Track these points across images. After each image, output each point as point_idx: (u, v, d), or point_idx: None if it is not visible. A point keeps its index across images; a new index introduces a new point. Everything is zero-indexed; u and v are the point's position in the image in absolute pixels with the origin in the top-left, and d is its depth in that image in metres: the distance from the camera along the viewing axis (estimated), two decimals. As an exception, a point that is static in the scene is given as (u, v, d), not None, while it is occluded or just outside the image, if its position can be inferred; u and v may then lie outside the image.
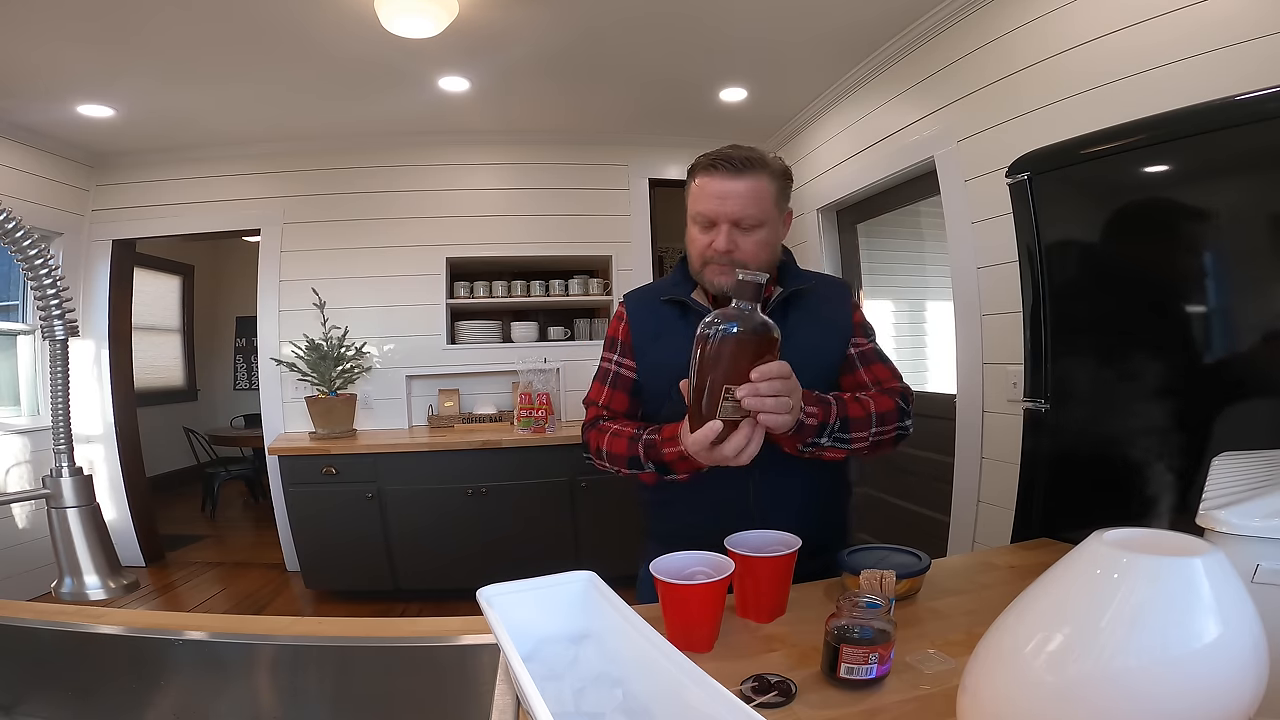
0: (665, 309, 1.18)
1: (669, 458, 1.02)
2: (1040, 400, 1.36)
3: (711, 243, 1.08)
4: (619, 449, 1.10)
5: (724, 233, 1.06)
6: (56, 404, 0.73)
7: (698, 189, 1.09)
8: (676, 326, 1.15)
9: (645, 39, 2.60)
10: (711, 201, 1.06)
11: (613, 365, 1.22)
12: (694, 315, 1.13)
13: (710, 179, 1.07)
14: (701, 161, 1.10)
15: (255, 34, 2.41)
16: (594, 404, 1.24)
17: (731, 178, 1.06)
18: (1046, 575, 0.56)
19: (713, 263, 1.09)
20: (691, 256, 1.14)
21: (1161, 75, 1.65)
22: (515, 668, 0.53)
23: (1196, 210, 1.14)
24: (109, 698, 0.95)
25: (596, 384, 1.25)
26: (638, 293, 1.27)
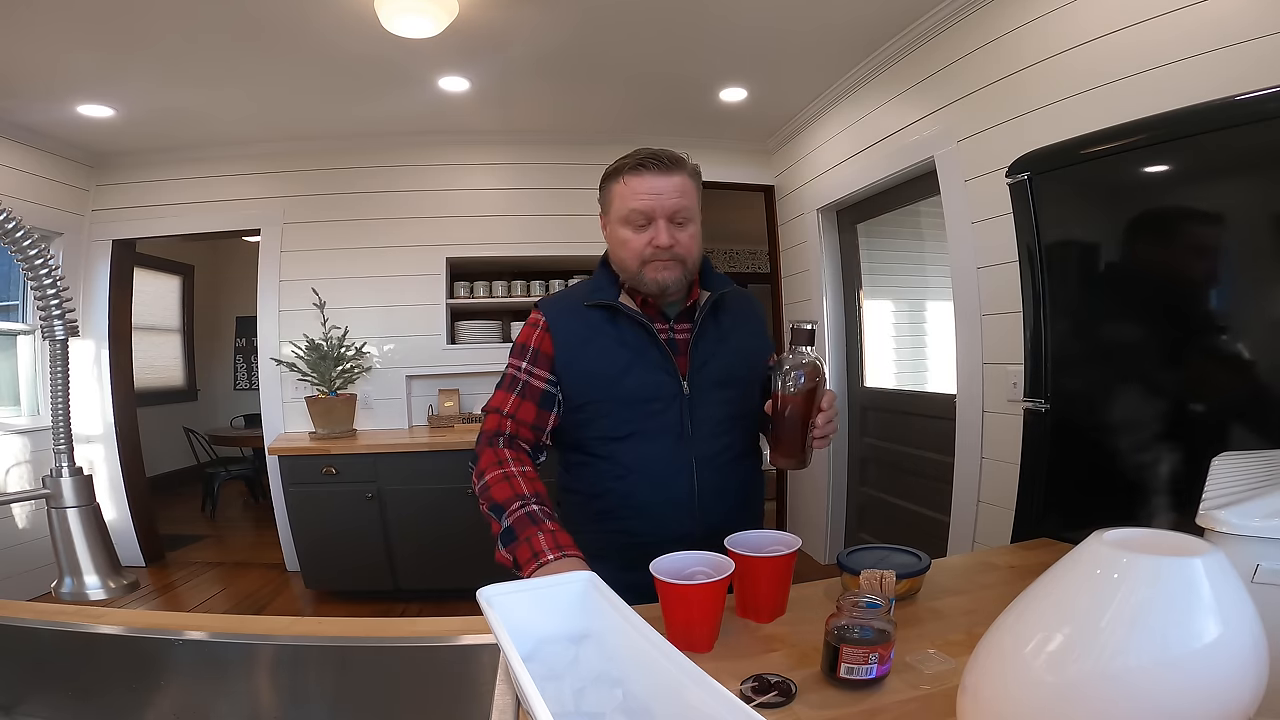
0: (591, 314, 1.15)
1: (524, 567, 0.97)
2: (1040, 400, 1.36)
3: (651, 240, 1.08)
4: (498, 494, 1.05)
5: (664, 227, 1.07)
6: (56, 404, 0.73)
7: (626, 189, 1.09)
8: (605, 330, 1.13)
9: (645, 39, 2.60)
10: (646, 198, 1.07)
11: (522, 374, 1.15)
12: (623, 319, 1.13)
13: (640, 178, 1.08)
14: (626, 163, 1.10)
15: (255, 34, 2.41)
16: (497, 411, 1.15)
17: (662, 175, 1.07)
18: (1046, 575, 0.56)
19: (654, 259, 1.09)
20: (625, 258, 1.11)
21: (1161, 75, 1.65)
22: (515, 668, 0.53)
23: (1196, 210, 1.14)
24: (109, 698, 0.95)
25: (501, 392, 1.16)
26: (555, 301, 1.21)
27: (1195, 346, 1.14)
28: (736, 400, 1.16)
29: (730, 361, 1.16)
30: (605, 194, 1.15)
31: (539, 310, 1.19)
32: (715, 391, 1.14)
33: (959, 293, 2.42)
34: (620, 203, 1.10)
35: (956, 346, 2.45)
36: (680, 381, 1.12)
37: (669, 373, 1.12)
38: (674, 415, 1.11)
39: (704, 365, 1.14)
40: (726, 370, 1.16)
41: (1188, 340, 1.15)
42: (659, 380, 1.11)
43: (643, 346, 1.12)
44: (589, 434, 1.15)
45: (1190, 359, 1.14)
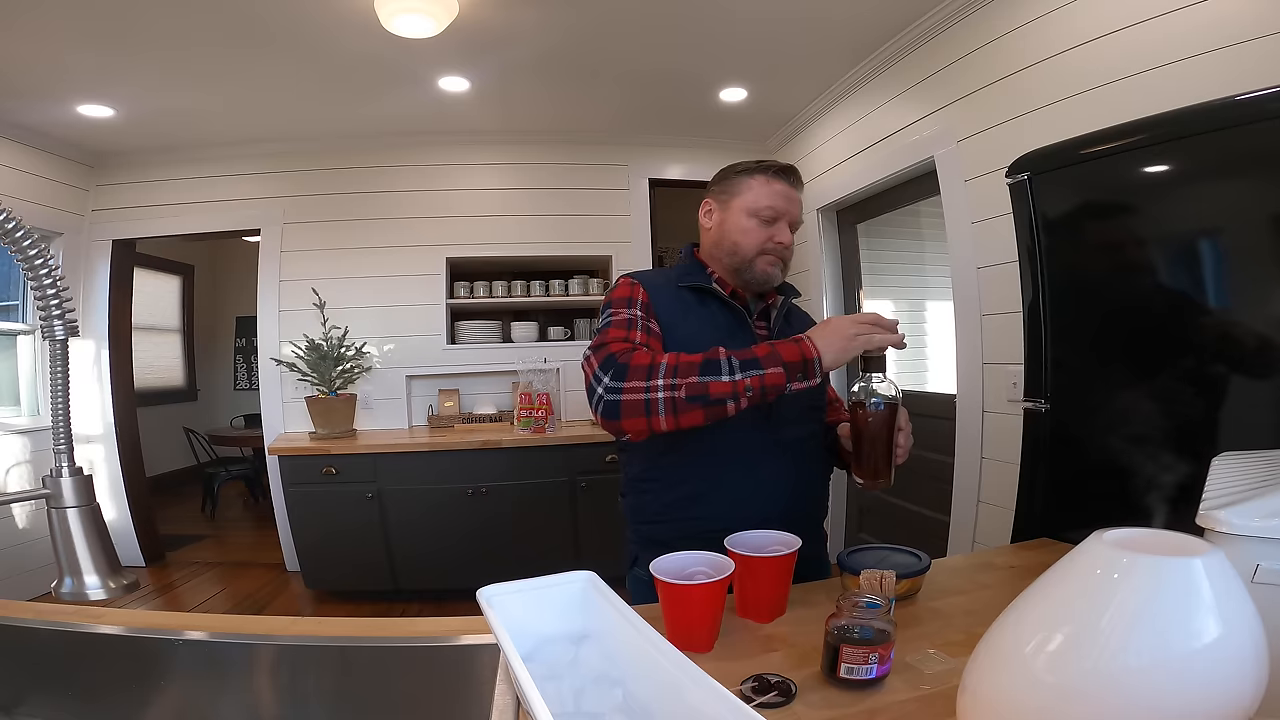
0: (683, 294, 1.19)
1: (785, 346, 0.96)
2: (1040, 400, 1.36)
3: (773, 235, 1.17)
4: (694, 359, 0.98)
5: (786, 229, 1.18)
6: (56, 404, 0.73)
7: (766, 186, 1.17)
8: (698, 312, 1.18)
9: (645, 39, 2.60)
10: (781, 200, 1.17)
11: (638, 318, 1.12)
12: (715, 303, 1.19)
13: (780, 182, 1.18)
14: (768, 165, 1.19)
15: (255, 34, 2.41)
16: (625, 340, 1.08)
17: (793, 187, 1.20)
18: (1046, 575, 0.56)
19: (770, 254, 1.18)
20: (743, 246, 1.18)
21: (1161, 75, 1.65)
22: (515, 668, 0.53)
23: (1196, 210, 1.14)
24: (109, 698, 0.95)
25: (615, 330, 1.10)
26: (644, 276, 1.22)
27: (1195, 346, 1.14)
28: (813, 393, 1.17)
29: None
30: (733, 183, 1.21)
31: (630, 279, 1.20)
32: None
33: (959, 293, 2.42)
34: (754, 195, 1.18)
35: (956, 346, 2.45)
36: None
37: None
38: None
39: None
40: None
41: (1187, 340, 1.15)
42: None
43: (735, 331, 1.17)
44: None
45: (1190, 359, 1.14)
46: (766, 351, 0.97)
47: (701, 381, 0.96)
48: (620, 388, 0.99)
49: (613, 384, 1.00)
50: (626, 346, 1.06)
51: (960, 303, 2.42)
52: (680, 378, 0.96)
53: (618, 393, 0.99)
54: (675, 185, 3.99)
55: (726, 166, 1.25)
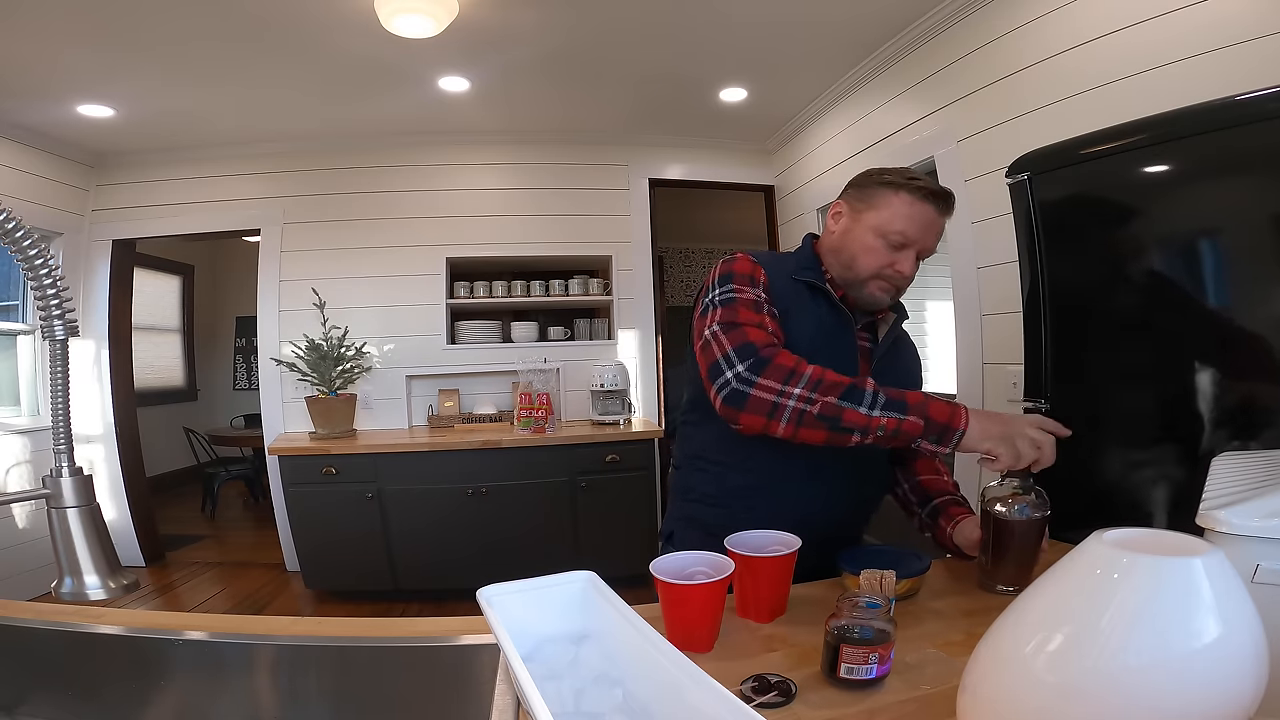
0: (797, 285, 1.13)
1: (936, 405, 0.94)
2: (1040, 400, 1.36)
3: (895, 263, 1.08)
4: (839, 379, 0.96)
5: (913, 259, 1.09)
6: (56, 404, 0.73)
7: (906, 207, 1.07)
8: (808, 306, 1.12)
9: (645, 39, 2.60)
10: (917, 227, 1.07)
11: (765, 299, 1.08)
12: (825, 303, 1.13)
13: (925, 206, 1.07)
14: (917, 185, 1.08)
15: (255, 34, 2.41)
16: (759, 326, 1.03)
17: (941, 214, 1.09)
18: (1046, 575, 0.56)
19: (885, 280, 1.10)
20: (861, 262, 1.11)
21: (1161, 75, 1.65)
22: (515, 668, 0.53)
23: (1196, 210, 1.14)
24: (109, 698, 0.95)
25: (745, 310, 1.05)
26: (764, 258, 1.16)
27: (1195, 346, 1.14)
28: None
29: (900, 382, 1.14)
30: (872, 194, 1.11)
31: (751, 257, 1.14)
32: None
33: (959, 293, 2.42)
34: (890, 214, 1.08)
35: (956, 346, 2.45)
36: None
37: (854, 367, 1.12)
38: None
39: (880, 375, 1.12)
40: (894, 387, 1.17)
41: (1188, 340, 1.15)
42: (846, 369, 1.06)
43: (839, 334, 1.13)
44: None
45: (1190, 359, 1.14)
46: (918, 400, 0.94)
47: (839, 404, 0.93)
48: (754, 380, 0.96)
49: (747, 374, 0.97)
50: (765, 336, 1.01)
51: (960, 303, 2.42)
52: (820, 394, 0.94)
53: (749, 385, 0.96)
54: (676, 185, 3.99)
55: (872, 170, 1.15)
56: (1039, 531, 0.99)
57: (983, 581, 1.03)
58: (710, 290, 1.11)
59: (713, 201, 4.84)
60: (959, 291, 2.42)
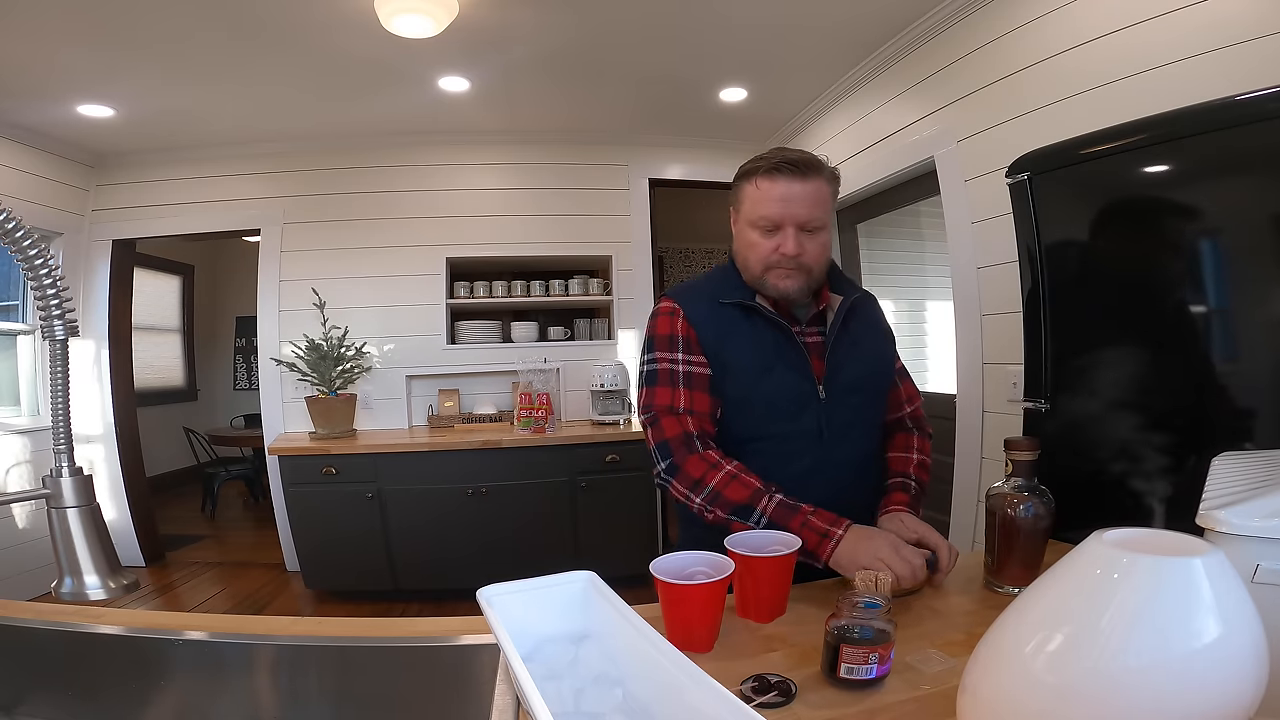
0: (726, 312, 1.13)
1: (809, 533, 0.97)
2: (1040, 400, 1.36)
3: (778, 246, 1.07)
4: (735, 495, 1.02)
5: (792, 236, 1.06)
6: (56, 404, 0.73)
7: (758, 192, 1.08)
8: (742, 328, 1.12)
9: (645, 39, 2.60)
10: (776, 205, 1.06)
11: (680, 365, 1.11)
12: (759, 319, 1.12)
13: (774, 182, 1.06)
14: (761, 165, 1.08)
15: (255, 34, 2.41)
16: (671, 411, 1.09)
17: (795, 180, 1.06)
18: (1046, 575, 0.56)
19: (779, 267, 1.08)
20: (751, 262, 1.11)
21: (1161, 75, 1.65)
22: (515, 668, 0.53)
23: (1196, 210, 1.14)
24: (109, 698, 0.95)
25: (662, 389, 1.10)
26: (684, 292, 1.18)
27: (1195, 346, 1.14)
28: (869, 405, 1.18)
29: (864, 368, 1.17)
30: (737, 192, 1.13)
31: (671, 300, 1.15)
32: (850, 397, 1.14)
33: (959, 293, 2.42)
34: (751, 205, 1.09)
35: (956, 346, 2.45)
36: (817, 386, 1.11)
37: (807, 377, 1.11)
38: (811, 420, 1.11)
39: (839, 370, 1.13)
40: (860, 377, 1.16)
41: (1188, 340, 1.15)
42: (798, 383, 1.10)
43: (781, 348, 1.11)
44: (729, 434, 1.12)
45: (1190, 359, 1.14)
46: (796, 526, 0.98)
47: (728, 518, 1.02)
48: (671, 481, 1.08)
49: (666, 476, 1.09)
50: (678, 429, 1.08)
51: (960, 303, 2.42)
52: (715, 507, 1.03)
53: (668, 484, 1.09)
54: (676, 185, 3.99)
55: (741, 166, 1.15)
56: (1044, 531, 0.99)
57: (988, 581, 1.03)
58: (642, 354, 1.17)
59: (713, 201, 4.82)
60: (959, 291, 2.42)
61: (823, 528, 0.97)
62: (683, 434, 1.08)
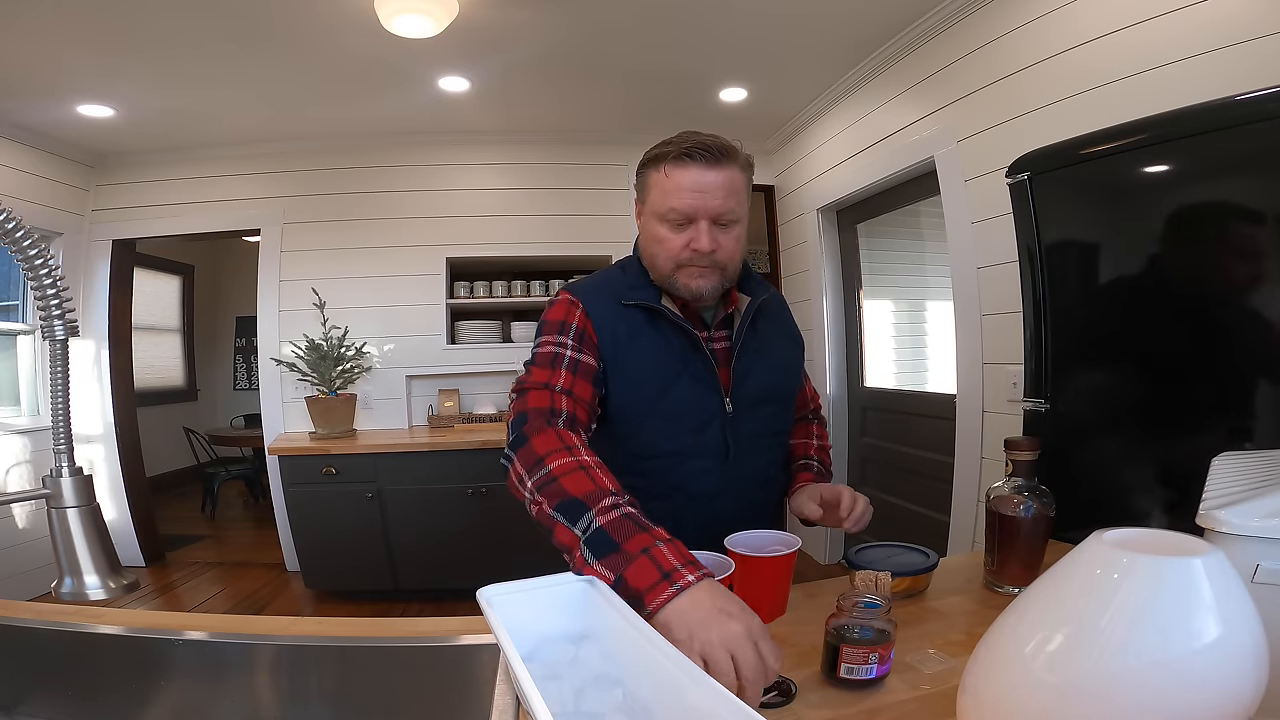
0: (629, 314, 1.02)
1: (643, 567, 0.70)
2: (1040, 400, 1.36)
3: (689, 242, 0.96)
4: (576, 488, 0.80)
5: (705, 230, 0.95)
6: (56, 404, 0.73)
7: (667, 182, 0.96)
8: (647, 333, 1.01)
9: (645, 39, 2.60)
10: (688, 196, 0.94)
11: (568, 350, 0.98)
12: (665, 323, 1.02)
13: (684, 170, 0.94)
14: (670, 149, 0.96)
15: (255, 34, 2.41)
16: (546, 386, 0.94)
17: (709, 168, 0.94)
18: (1046, 575, 0.56)
19: (691, 265, 0.98)
20: (659, 259, 1.00)
21: (1161, 75, 1.65)
22: (515, 668, 0.53)
23: (1197, 210, 1.14)
24: (109, 698, 0.95)
25: (541, 369, 0.97)
26: (587, 290, 1.05)
27: (1195, 346, 1.14)
28: (775, 416, 1.11)
29: (771, 377, 1.09)
30: (642, 181, 1.02)
31: (571, 294, 1.03)
32: (757, 408, 1.07)
33: (959, 293, 2.42)
34: (659, 196, 0.97)
35: (956, 346, 2.45)
36: (724, 398, 1.03)
37: (713, 388, 1.03)
38: (716, 433, 1.03)
39: (745, 379, 1.05)
40: (768, 386, 1.09)
41: (1187, 339, 1.15)
42: (704, 396, 1.02)
43: (688, 357, 1.02)
44: (627, 449, 1.02)
45: (1190, 359, 1.14)
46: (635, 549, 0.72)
47: (551, 516, 0.81)
48: (512, 458, 0.89)
49: (510, 451, 0.90)
50: (543, 401, 0.92)
51: (960, 303, 2.42)
52: (543, 494, 0.82)
53: (510, 462, 0.90)
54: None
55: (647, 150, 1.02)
56: (1044, 531, 0.99)
57: (988, 581, 1.03)
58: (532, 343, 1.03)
59: (713, 201, 4.84)
60: (959, 291, 2.42)
61: (669, 566, 0.70)
62: (548, 408, 0.92)
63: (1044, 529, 0.99)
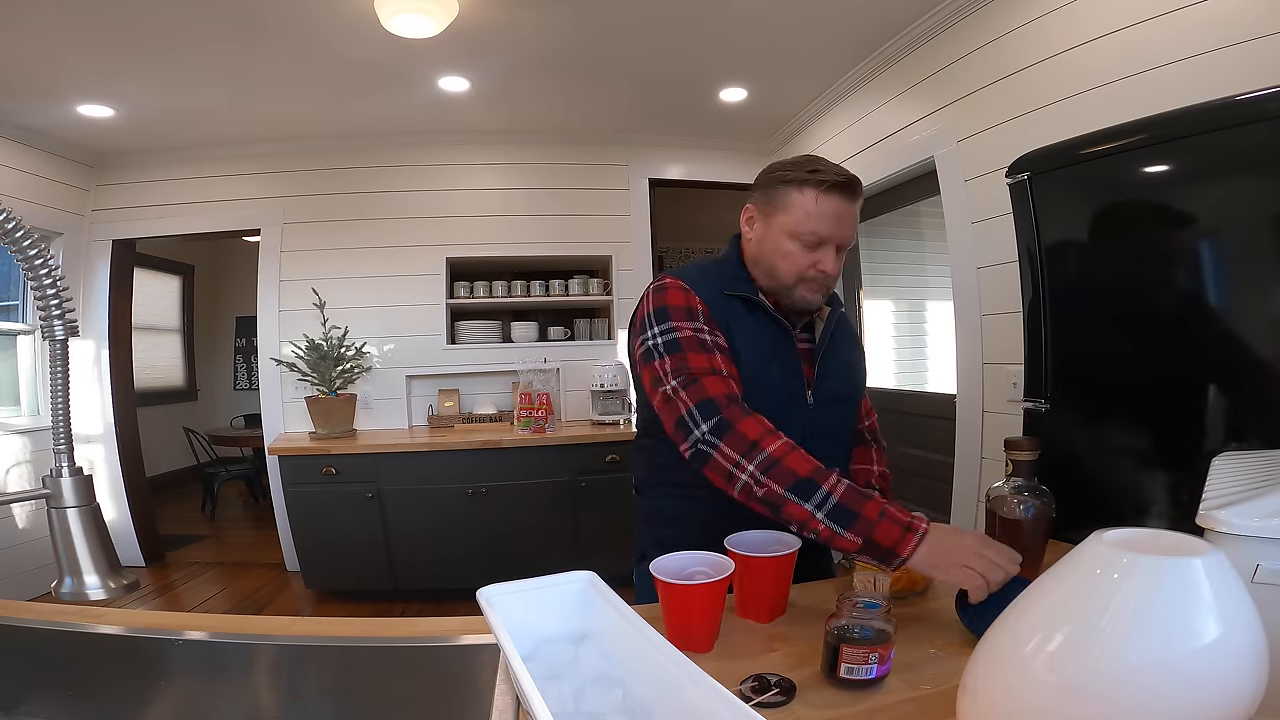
0: (731, 302, 1.09)
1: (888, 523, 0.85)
2: (1040, 400, 1.36)
3: (816, 263, 1.05)
4: (797, 465, 0.90)
5: (833, 256, 1.06)
6: (56, 404, 0.73)
7: (812, 205, 1.03)
8: (746, 321, 1.09)
9: (645, 39, 2.60)
10: (829, 222, 1.03)
11: (707, 335, 1.04)
12: (762, 315, 1.10)
13: (831, 199, 1.03)
14: (821, 179, 1.03)
15: (255, 34, 2.41)
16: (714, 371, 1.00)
17: (850, 202, 1.05)
18: (1046, 575, 0.56)
19: (811, 281, 1.07)
20: (782, 270, 1.07)
21: (1161, 75, 1.65)
22: (515, 668, 0.53)
23: (1197, 210, 1.14)
24: (109, 698, 0.95)
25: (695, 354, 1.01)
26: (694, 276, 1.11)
27: (1195, 346, 1.14)
28: (847, 416, 1.20)
29: (845, 379, 1.18)
30: (777, 195, 1.07)
31: (681, 279, 1.09)
32: (834, 405, 1.15)
33: (959, 293, 2.42)
34: (799, 216, 1.04)
35: (956, 346, 2.45)
36: (806, 391, 1.12)
37: (799, 380, 1.11)
38: (798, 423, 1.06)
39: (827, 378, 1.14)
40: (843, 386, 1.17)
41: (1187, 340, 1.15)
42: (791, 385, 1.10)
43: (780, 348, 1.10)
44: None
45: (1190, 358, 1.14)
46: (872, 515, 0.86)
47: (783, 495, 0.89)
48: (717, 444, 0.94)
49: (711, 437, 0.95)
50: (722, 387, 0.98)
51: (960, 303, 2.42)
52: (770, 479, 0.90)
53: (713, 448, 0.95)
54: (676, 185, 3.99)
55: (775, 166, 1.09)
56: (1044, 532, 0.99)
57: None
58: (647, 328, 1.06)
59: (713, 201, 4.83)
60: (959, 291, 2.42)
61: (905, 520, 0.86)
62: (729, 393, 0.98)
63: (1044, 529, 0.99)
